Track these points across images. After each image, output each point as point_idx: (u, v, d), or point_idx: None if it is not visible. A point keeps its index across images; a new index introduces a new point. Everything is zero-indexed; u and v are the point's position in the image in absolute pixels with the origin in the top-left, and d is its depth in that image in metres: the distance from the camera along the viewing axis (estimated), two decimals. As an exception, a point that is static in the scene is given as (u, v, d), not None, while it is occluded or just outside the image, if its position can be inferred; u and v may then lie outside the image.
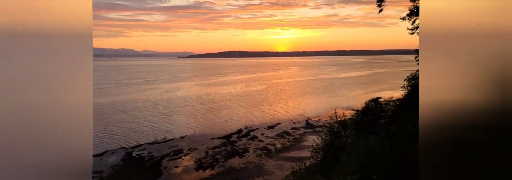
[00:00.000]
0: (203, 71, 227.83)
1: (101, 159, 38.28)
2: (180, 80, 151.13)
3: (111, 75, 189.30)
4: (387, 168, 10.27)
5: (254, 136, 48.45)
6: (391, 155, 10.85)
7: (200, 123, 57.96)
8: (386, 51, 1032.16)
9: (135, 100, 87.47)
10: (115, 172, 34.27)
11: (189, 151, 41.08)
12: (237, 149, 41.85)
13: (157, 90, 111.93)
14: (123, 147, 43.18)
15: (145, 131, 51.67)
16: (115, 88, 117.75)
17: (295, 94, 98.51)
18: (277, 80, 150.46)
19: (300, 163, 17.74)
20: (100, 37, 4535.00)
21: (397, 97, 25.73)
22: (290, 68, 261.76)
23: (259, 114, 65.57)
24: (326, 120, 45.88)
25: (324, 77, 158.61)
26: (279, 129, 52.91)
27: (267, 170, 34.43)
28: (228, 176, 32.95)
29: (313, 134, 47.39)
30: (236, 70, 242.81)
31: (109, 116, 64.50)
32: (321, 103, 79.78)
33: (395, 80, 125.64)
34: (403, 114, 17.48)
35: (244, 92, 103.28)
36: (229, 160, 37.81)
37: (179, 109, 72.45)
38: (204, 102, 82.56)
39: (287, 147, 42.90)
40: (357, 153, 11.69)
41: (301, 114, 65.57)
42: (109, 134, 50.15)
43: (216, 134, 49.22)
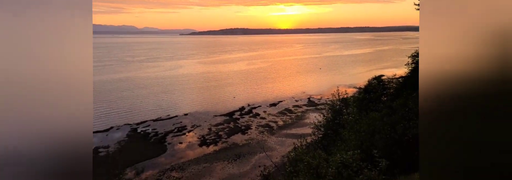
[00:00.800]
0: (205, 49, 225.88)
1: (107, 135, 39.17)
2: (182, 58, 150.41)
3: (114, 53, 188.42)
4: (387, 144, 10.46)
5: (256, 113, 49.00)
6: (391, 131, 11.00)
7: (203, 100, 58.44)
8: (392, 28, 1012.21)
9: (137, 77, 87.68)
10: (121, 147, 35.19)
11: (192, 128, 41.82)
12: (240, 126, 42.52)
13: (159, 67, 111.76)
14: (128, 123, 43.99)
15: (149, 108, 52.31)
16: (117, 65, 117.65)
17: (298, 71, 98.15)
18: (279, 58, 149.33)
19: (301, 140, 18.10)
20: (100, 13, 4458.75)
21: (400, 75, 25.56)
22: (293, 46, 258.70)
23: (262, 92, 65.84)
24: (328, 97, 46.08)
25: (327, 55, 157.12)
26: (281, 106, 53.35)
27: (269, 146, 35.18)
28: (231, 152, 33.76)
29: (314, 112, 47.82)
30: (238, 48, 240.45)
31: (112, 93, 65.04)
32: (324, 80, 79.69)
33: (399, 57, 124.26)
34: (405, 91, 17.47)
35: (247, 70, 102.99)
36: (232, 136, 38.54)
37: (182, 87, 72.77)
38: (207, 80, 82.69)
39: (289, 124, 43.50)
40: (358, 129, 11.86)
41: (303, 91, 65.76)
42: (114, 110, 50.88)
43: (219, 112, 49.80)
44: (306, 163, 8.05)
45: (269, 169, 28.05)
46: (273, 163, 28.71)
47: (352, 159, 7.33)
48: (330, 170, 7.14)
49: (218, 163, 31.01)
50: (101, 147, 35.07)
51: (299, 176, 8.21)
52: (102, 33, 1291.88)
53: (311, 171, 7.69)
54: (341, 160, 7.35)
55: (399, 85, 20.96)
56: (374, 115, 13.41)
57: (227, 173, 28.95)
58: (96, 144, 35.92)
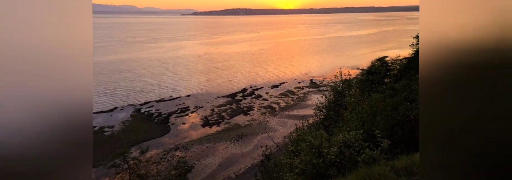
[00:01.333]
0: (207, 30, 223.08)
1: (111, 115, 39.68)
2: (184, 39, 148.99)
3: (115, 33, 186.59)
4: (388, 125, 10.54)
5: (258, 94, 49.18)
6: (393, 112, 11.04)
7: (205, 82, 58.54)
8: (397, 8, 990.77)
9: (139, 58, 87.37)
10: (126, 127, 35.75)
11: (195, 109, 42.20)
12: (242, 107, 42.84)
13: (161, 48, 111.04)
14: (131, 104, 44.40)
15: (152, 89, 52.59)
16: (119, 46, 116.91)
17: (300, 53, 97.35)
18: (282, 39, 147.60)
19: (303, 121, 18.27)
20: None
21: (404, 56, 25.27)
22: (296, 27, 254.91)
23: (264, 73, 65.71)
24: (330, 79, 46.01)
25: (331, 36, 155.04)
26: (283, 88, 53.43)
27: (271, 127, 35.63)
28: (233, 132, 34.26)
29: (317, 93, 47.94)
30: (241, 29, 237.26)
31: (115, 74, 65.14)
32: (326, 62, 79.19)
33: (403, 38, 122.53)
34: (409, 73, 17.36)
35: (249, 51, 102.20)
36: (234, 117, 38.96)
37: (184, 68, 72.66)
38: (209, 61, 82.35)
39: (290, 105, 43.77)
40: (360, 110, 11.90)
41: (305, 73, 65.56)
42: (117, 91, 51.20)
43: (221, 93, 50.02)
44: (308, 142, 8.17)
45: (270, 149, 28.62)
46: (275, 143, 29.22)
47: (354, 138, 7.42)
48: (332, 149, 7.25)
49: (221, 143, 31.57)
50: (106, 126, 35.65)
51: (300, 155, 8.36)
52: (102, 13, 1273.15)
53: (313, 151, 7.82)
54: (343, 140, 7.44)
55: (402, 67, 20.79)
56: (377, 96, 13.40)
57: (230, 152, 29.55)
58: (100, 124, 36.48)
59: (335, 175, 6.64)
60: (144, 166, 17.54)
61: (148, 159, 20.48)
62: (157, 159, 27.99)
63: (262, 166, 14.68)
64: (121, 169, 15.91)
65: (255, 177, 13.78)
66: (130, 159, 16.48)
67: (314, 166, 7.38)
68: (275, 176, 12.46)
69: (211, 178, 25.53)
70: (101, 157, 27.69)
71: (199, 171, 26.10)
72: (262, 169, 14.43)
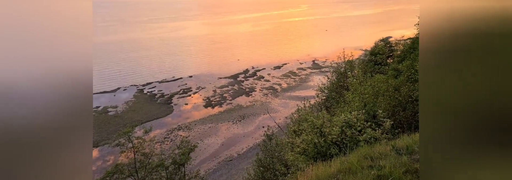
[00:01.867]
0: (209, 10, 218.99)
1: (114, 95, 39.97)
2: (186, 19, 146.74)
3: (115, 12, 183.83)
4: (390, 105, 10.55)
5: (260, 76, 49.08)
6: (395, 93, 11.02)
7: (208, 62, 58.28)
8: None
9: (141, 38, 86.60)
10: (129, 107, 36.11)
11: (197, 90, 42.34)
12: (244, 88, 42.93)
13: (163, 28, 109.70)
14: (134, 84, 44.57)
15: (154, 70, 52.54)
16: (120, 26, 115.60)
17: (303, 33, 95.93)
18: (285, 19, 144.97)
19: (305, 101, 18.30)
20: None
21: (409, 36, 24.86)
22: (299, 6, 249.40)
23: (266, 54, 65.17)
24: (333, 60, 45.61)
25: (335, 16, 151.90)
26: (285, 69, 53.19)
27: (272, 108, 35.86)
28: (235, 113, 34.56)
29: (319, 74, 47.76)
30: (244, 8, 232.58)
31: (117, 54, 64.89)
32: (329, 43, 78.16)
33: (409, 18, 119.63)
34: (413, 53, 17.15)
35: (252, 32, 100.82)
36: (236, 98, 39.14)
37: (186, 48, 72.13)
38: (211, 42, 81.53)
39: (292, 86, 43.77)
40: (362, 91, 11.87)
41: (308, 54, 64.96)
42: (119, 71, 51.23)
43: (223, 74, 49.93)
44: (310, 122, 8.23)
45: (272, 130, 28.95)
46: (277, 124, 29.52)
47: (356, 118, 7.46)
48: (334, 129, 7.31)
49: (223, 123, 31.95)
50: (109, 106, 36.02)
51: (302, 135, 8.45)
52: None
53: (314, 130, 7.89)
54: (345, 120, 7.48)
55: (406, 47, 20.52)
56: (379, 77, 13.33)
57: (232, 133, 29.97)
58: (104, 103, 36.83)
59: (336, 154, 6.74)
60: (148, 145, 17.85)
61: (152, 139, 20.84)
62: (161, 139, 28.50)
63: (264, 146, 14.88)
64: (126, 147, 16.20)
65: (257, 156, 14.02)
66: (134, 138, 16.74)
67: (316, 145, 7.47)
68: (277, 155, 12.68)
69: (214, 157, 26.09)
70: (106, 136, 28.21)
71: (202, 150, 26.62)
72: (264, 149, 14.65)
